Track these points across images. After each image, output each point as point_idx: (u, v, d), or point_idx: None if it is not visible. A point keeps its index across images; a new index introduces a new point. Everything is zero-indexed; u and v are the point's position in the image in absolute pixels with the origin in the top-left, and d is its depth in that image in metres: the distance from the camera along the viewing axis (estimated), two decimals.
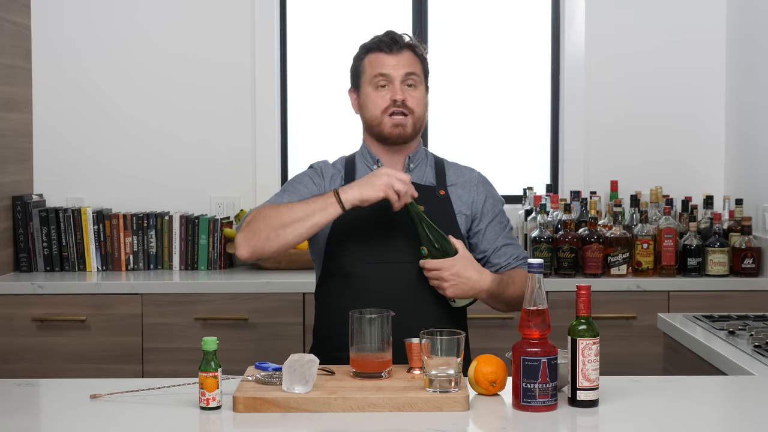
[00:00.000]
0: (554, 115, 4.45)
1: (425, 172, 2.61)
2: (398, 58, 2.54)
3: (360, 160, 2.63)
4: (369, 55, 2.57)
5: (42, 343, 3.74)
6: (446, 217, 2.55)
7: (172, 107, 4.31)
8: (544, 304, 2.00)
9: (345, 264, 2.50)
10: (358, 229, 2.50)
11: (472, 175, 2.66)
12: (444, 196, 2.58)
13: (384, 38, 2.57)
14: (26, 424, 1.98)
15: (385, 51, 2.55)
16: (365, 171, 2.58)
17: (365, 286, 2.47)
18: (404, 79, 2.53)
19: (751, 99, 4.07)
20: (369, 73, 2.55)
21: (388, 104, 2.52)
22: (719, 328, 2.78)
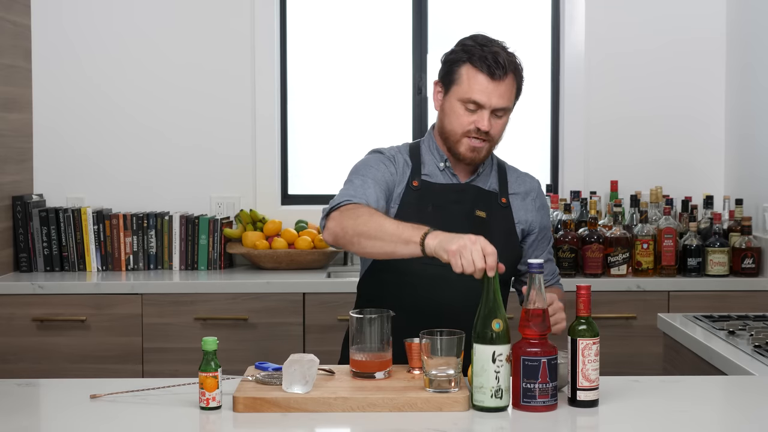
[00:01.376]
0: (554, 115, 4.45)
1: (490, 177, 2.56)
2: (497, 87, 2.41)
3: (427, 152, 2.53)
4: (468, 67, 2.42)
5: (42, 343, 3.74)
6: (507, 225, 2.52)
7: (172, 108, 4.31)
8: (544, 304, 2.00)
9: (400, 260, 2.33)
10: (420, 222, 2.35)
11: (533, 185, 2.62)
12: (506, 205, 2.53)
13: (490, 59, 2.40)
14: (26, 424, 1.98)
15: (486, 74, 2.40)
16: (432, 165, 2.51)
17: (419, 285, 2.42)
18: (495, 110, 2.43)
19: (751, 99, 4.07)
20: (463, 90, 2.41)
21: (472, 129, 2.42)
22: (719, 328, 2.78)
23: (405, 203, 2.47)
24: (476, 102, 2.41)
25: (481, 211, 2.48)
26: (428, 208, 2.46)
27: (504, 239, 2.45)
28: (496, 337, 1.97)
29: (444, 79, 2.48)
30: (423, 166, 2.51)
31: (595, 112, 4.35)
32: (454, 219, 2.44)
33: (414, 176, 2.49)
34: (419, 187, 2.48)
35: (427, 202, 2.47)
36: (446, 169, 2.51)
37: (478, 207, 2.49)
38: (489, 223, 2.48)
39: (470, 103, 2.41)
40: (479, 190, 2.51)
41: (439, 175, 2.51)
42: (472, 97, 2.40)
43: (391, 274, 2.45)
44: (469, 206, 2.48)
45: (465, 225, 2.38)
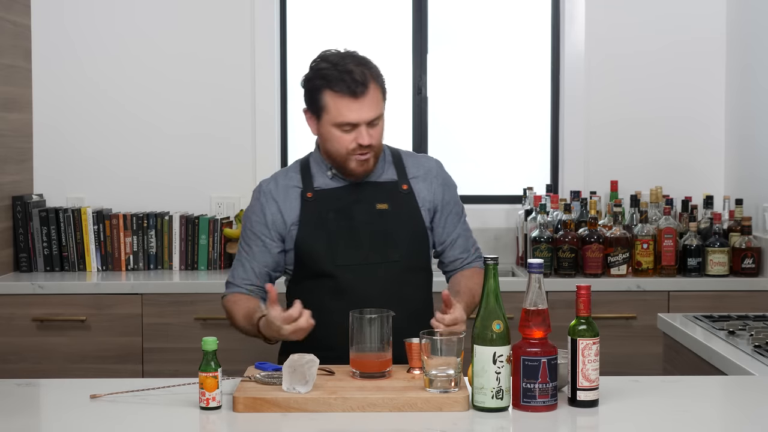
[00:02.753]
0: (554, 115, 4.45)
1: (385, 169, 2.60)
2: (362, 103, 2.43)
3: (315, 165, 2.60)
4: (330, 93, 2.44)
5: (42, 343, 3.74)
6: (411, 211, 2.57)
7: (172, 107, 4.31)
8: (544, 304, 2.00)
9: (316, 269, 2.52)
10: (325, 231, 2.51)
11: (431, 165, 2.66)
12: (407, 191, 2.58)
13: (346, 78, 2.42)
14: (26, 424, 1.98)
15: (348, 95, 2.43)
16: (322, 176, 2.57)
17: (338, 288, 2.50)
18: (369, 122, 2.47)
19: (751, 99, 4.07)
20: (333, 116, 2.45)
21: (354, 147, 2.47)
22: (719, 328, 2.78)
23: (305, 218, 2.53)
24: (349, 123, 2.45)
25: (381, 204, 2.54)
26: (330, 214, 2.53)
27: (410, 225, 2.55)
28: (497, 338, 1.97)
29: (311, 107, 2.53)
30: (313, 178, 2.58)
31: (595, 113, 4.35)
32: (357, 217, 2.52)
33: (306, 189, 2.56)
34: (314, 197, 2.55)
35: (327, 209, 2.53)
36: (335, 175, 2.57)
37: (378, 200, 2.55)
38: (392, 213, 2.54)
39: (344, 125, 2.46)
40: (374, 184, 2.56)
41: (330, 183, 2.57)
42: (344, 120, 2.45)
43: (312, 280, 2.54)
44: (368, 201, 2.54)
45: (369, 220, 2.51)
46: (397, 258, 2.53)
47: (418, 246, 2.58)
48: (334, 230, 2.51)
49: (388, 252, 2.52)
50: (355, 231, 2.51)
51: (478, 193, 4.45)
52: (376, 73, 2.50)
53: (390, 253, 2.52)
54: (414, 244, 2.57)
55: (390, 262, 2.52)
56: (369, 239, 2.51)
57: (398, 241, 2.53)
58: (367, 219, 2.52)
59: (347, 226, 2.51)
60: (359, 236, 2.51)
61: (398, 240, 2.54)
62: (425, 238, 2.61)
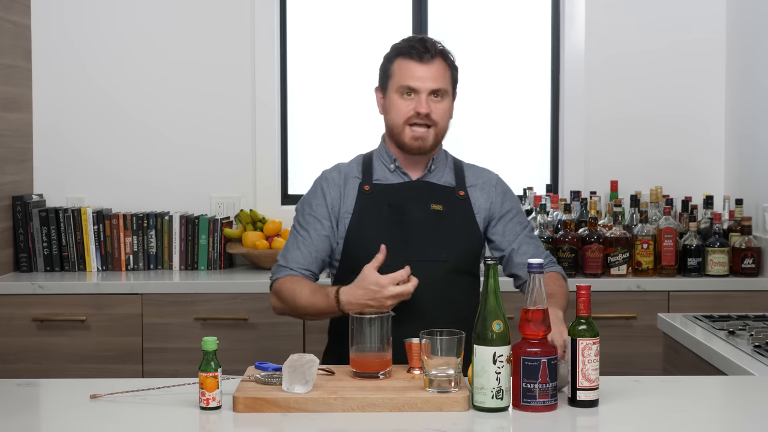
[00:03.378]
0: (554, 115, 4.45)
1: (444, 174, 2.62)
2: (428, 69, 2.50)
3: (377, 158, 2.62)
4: (399, 59, 2.53)
5: (42, 343, 3.74)
6: (466, 216, 2.57)
7: (172, 107, 4.31)
8: (544, 304, 2.00)
9: (363, 261, 2.44)
10: (376, 228, 2.51)
11: (491, 176, 2.69)
12: (464, 197, 2.59)
13: (416, 44, 2.52)
14: (26, 424, 1.98)
15: (415, 59, 2.51)
16: (382, 170, 2.59)
17: None
18: (432, 92, 2.51)
19: (751, 99, 4.07)
20: (397, 80, 2.52)
21: (412, 115, 2.50)
22: (719, 328, 2.78)
23: (359, 209, 2.54)
24: (410, 87, 2.50)
25: (436, 205, 2.55)
26: (384, 207, 2.53)
27: (463, 229, 2.55)
28: (497, 338, 1.97)
29: (381, 82, 2.59)
30: (374, 171, 2.59)
31: (595, 113, 4.35)
32: (411, 214, 2.52)
33: (365, 182, 2.57)
34: (371, 190, 2.56)
35: (382, 202, 2.54)
36: (397, 169, 2.58)
37: (434, 201, 2.55)
38: (446, 214, 2.54)
39: (406, 90, 2.50)
40: (432, 185, 2.58)
41: (390, 177, 2.59)
42: (406, 83, 2.50)
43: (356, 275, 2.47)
44: (424, 200, 2.55)
45: (422, 218, 2.51)
46: (445, 258, 2.51)
47: (468, 249, 2.57)
48: (385, 225, 2.51)
49: (437, 251, 2.51)
50: (406, 228, 2.51)
51: None
52: (447, 53, 2.58)
53: (439, 252, 2.51)
54: (464, 246, 2.56)
55: (437, 262, 2.50)
56: (420, 237, 2.51)
57: (449, 242, 2.52)
58: (420, 217, 2.52)
59: (399, 222, 2.51)
60: (410, 233, 2.51)
61: (449, 241, 2.52)
62: (477, 244, 2.59)
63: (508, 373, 1.98)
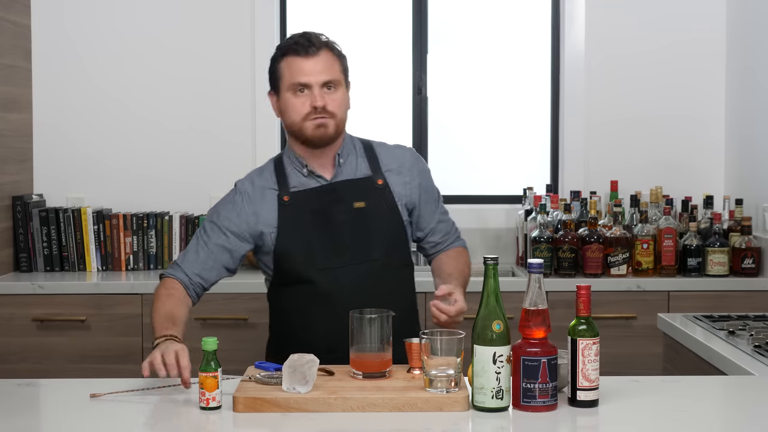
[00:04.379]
0: (554, 115, 4.45)
1: (357, 164, 2.57)
2: (315, 62, 2.46)
3: (289, 164, 2.57)
4: (285, 58, 2.49)
5: (42, 343, 3.74)
6: (388, 207, 2.54)
7: (172, 107, 4.31)
8: (544, 304, 2.00)
9: (297, 274, 2.48)
10: (303, 235, 2.48)
11: (405, 156, 2.62)
12: (382, 185, 2.55)
13: (300, 40, 2.48)
14: (26, 424, 1.98)
15: (301, 54, 2.46)
16: (296, 175, 2.54)
17: (319, 292, 2.47)
18: (323, 84, 2.47)
19: (751, 99, 4.07)
20: (287, 79, 2.48)
21: (309, 111, 2.47)
22: (719, 328, 2.78)
23: (283, 222, 2.50)
24: (302, 83, 2.46)
25: (358, 202, 2.52)
26: (307, 216, 2.49)
27: (388, 222, 2.52)
28: (497, 338, 1.97)
29: (272, 84, 2.55)
30: (288, 178, 2.54)
31: (595, 113, 4.35)
32: (335, 217, 2.49)
33: (283, 192, 2.52)
34: (290, 200, 2.51)
35: (304, 210, 2.50)
36: (310, 173, 2.54)
37: (355, 198, 2.52)
38: (369, 210, 2.51)
39: (298, 87, 2.47)
40: (350, 183, 2.53)
41: (305, 182, 2.54)
42: (297, 80, 2.46)
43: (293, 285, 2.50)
44: (345, 201, 2.52)
45: (347, 219, 2.49)
46: (377, 256, 2.50)
47: (397, 242, 2.55)
48: (312, 233, 2.48)
49: (368, 251, 2.49)
50: (333, 232, 2.48)
51: (478, 193, 4.45)
52: (332, 44, 2.53)
53: (370, 251, 2.49)
54: (393, 240, 2.54)
55: (370, 261, 2.49)
56: (348, 239, 2.49)
57: (377, 239, 2.50)
58: (345, 219, 2.49)
59: (325, 228, 2.48)
60: (338, 237, 2.48)
61: (377, 238, 2.50)
62: (404, 234, 2.58)
63: (508, 373, 1.98)
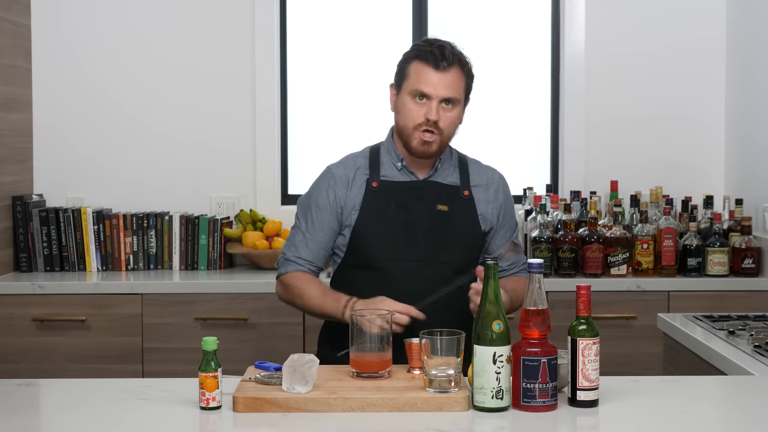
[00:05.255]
0: (554, 115, 4.45)
1: (450, 172, 2.64)
2: (442, 77, 2.50)
3: (386, 153, 2.63)
4: (416, 62, 2.53)
5: (42, 343, 3.74)
6: (470, 217, 2.61)
7: (172, 107, 4.31)
8: (544, 304, 2.00)
9: (368, 258, 2.54)
10: (383, 224, 2.53)
11: (494, 177, 2.70)
12: (468, 197, 2.62)
13: (435, 50, 2.51)
14: (26, 424, 1.98)
15: (431, 65, 2.50)
16: (390, 166, 2.60)
17: (386, 280, 2.51)
18: (443, 100, 2.51)
19: (751, 99, 4.07)
20: (411, 83, 2.52)
21: (422, 121, 2.51)
22: (719, 328, 2.78)
23: (367, 205, 2.55)
24: (423, 92, 2.50)
25: (442, 205, 2.57)
26: (390, 206, 2.55)
27: (466, 230, 2.58)
28: (497, 338, 1.97)
29: (396, 79, 2.59)
30: (381, 167, 2.60)
31: (595, 113, 4.35)
32: (417, 214, 2.55)
33: (373, 178, 2.58)
34: (378, 187, 2.57)
35: (389, 201, 2.56)
36: (404, 168, 2.60)
37: (439, 201, 2.58)
38: (451, 215, 2.57)
39: (418, 95, 2.51)
40: (439, 185, 2.60)
41: (397, 175, 2.60)
42: (419, 88, 2.50)
43: (360, 270, 2.56)
44: (430, 201, 2.57)
45: (428, 218, 2.54)
46: (449, 260, 2.55)
47: (471, 251, 2.61)
48: (391, 223, 2.53)
49: (441, 252, 2.54)
50: (412, 227, 2.54)
51: None
52: (465, 62, 2.56)
53: (443, 253, 2.54)
54: (468, 248, 2.60)
55: (441, 263, 2.54)
56: (425, 237, 2.54)
57: (453, 244, 2.56)
58: (426, 217, 2.55)
59: (406, 221, 2.54)
60: (415, 233, 2.53)
61: (453, 242, 2.56)
62: (478, 246, 2.63)
63: (508, 373, 1.98)
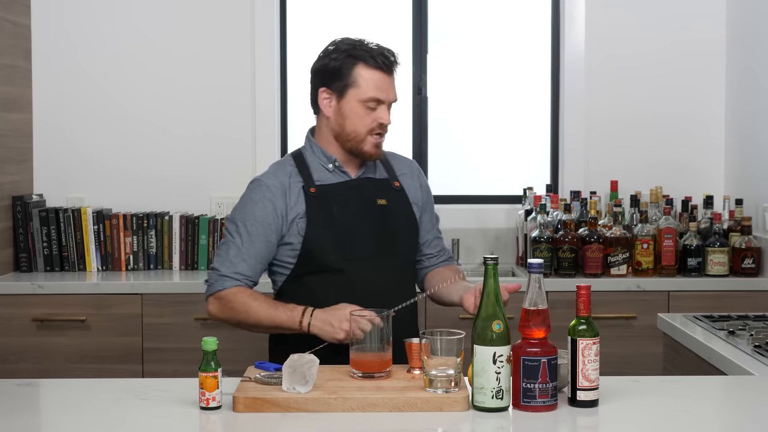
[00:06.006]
0: (554, 115, 4.45)
1: (376, 166, 2.63)
2: (391, 81, 2.52)
3: (312, 158, 2.58)
4: (364, 66, 2.47)
5: (42, 343, 3.74)
6: (406, 207, 2.62)
7: (172, 107, 4.31)
8: (544, 304, 2.00)
9: (324, 263, 2.50)
10: (332, 226, 2.51)
11: (413, 165, 2.73)
12: (399, 188, 2.63)
13: (384, 57, 2.49)
14: (26, 424, 1.98)
15: (383, 70, 2.49)
16: (321, 170, 2.56)
17: (344, 282, 2.49)
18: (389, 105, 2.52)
19: (751, 99, 4.07)
20: (363, 91, 2.47)
21: (375, 126, 2.50)
22: (719, 328, 2.78)
23: (312, 212, 2.51)
24: (379, 99, 2.49)
25: (381, 200, 2.58)
26: (333, 209, 2.52)
27: (405, 219, 2.60)
28: (497, 338, 1.97)
29: (333, 83, 2.51)
30: (312, 172, 2.56)
31: (595, 113, 4.35)
32: (360, 212, 2.54)
33: (308, 184, 2.54)
34: (317, 192, 2.53)
35: (330, 204, 2.53)
36: (336, 169, 2.57)
37: (378, 196, 2.58)
38: (391, 208, 2.58)
39: (371, 101, 2.49)
40: (373, 181, 2.60)
41: (330, 177, 2.57)
42: (375, 96, 2.48)
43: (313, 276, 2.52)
44: (369, 197, 2.57)
45: (371, 214, 2.53)
46: (398, 251, 2.57)
47: (413, 241, 2.65)
48: (340, 224, 2.51)
49: (390, 244, 2.55)
50: (359, 225, 2.53)
51: (478, 193, 4.45)
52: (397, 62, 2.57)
53: (392, 245, 2.56)
54: (410, 238, 2.63)
55: (392, 256, 2.55)
56: (373, 233, 2.54)
57: (398, 236, 2.58)
58: (369, 214, 2.55)
59: (352, 221, 2.53)
60: (364, 231, 2.53)
61: (398, 234, 2.58)
62: (417, 234, 2.66)
63: (508, 373, 1.98)
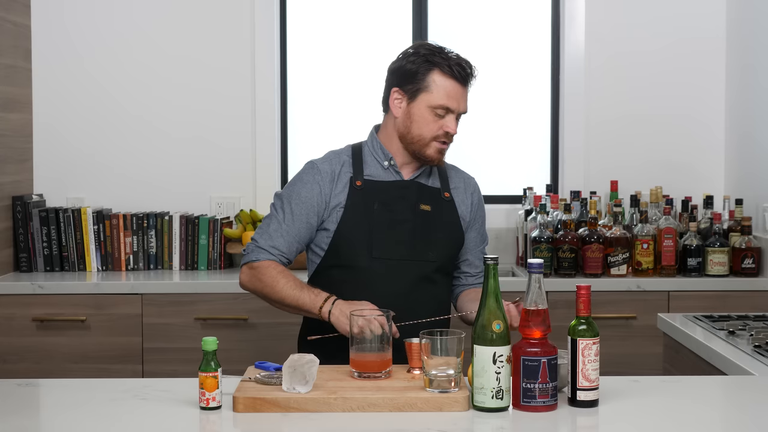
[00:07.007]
0: (554, 115, 4.45)
1: (432, 175, 2.65)
2: (464, 93, 2.53)
3: (369, 153, 2.61)
4: (440, 74, 2.49)
5: (42, 343, 3.74)
6: (452, 218, 2.62)
7: (172, 107, 4.31)
8: (544, 304, 2.00)
9: (350, 258, 2.52)
10: (367, 223, 2.52)
11: (469, 180, 2.73)
12: (449, 199, 2.63)
13: (461, 67, 2.50)
14: (26, 424, 1.98)
15: (459, 81, 2.50)
16: (375, 165, 2.59)
17: (367, 280, 2.50)
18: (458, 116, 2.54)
19: (751, 99, 4.07)
20: (435, 97, 2.49)
21: (441, 134, 2.52)
22: (719, 328, 2.78)
23: (351, 203, 2.53)
24: (448, 108, 2.50)
25: (425, 205, 2.58)
26: (374, 205, 2.54)
27: (448, 229, 2.60)
28: (497, 338, 1.97)
29: (407, 85, 2.53)
30: (365, 165, 2.59)
31: (595, 112, 4.35)
32: (401, 213, 2.55)
33: (357, 176, 2.56)
34: (363, 186, 2.56)
35: (373, 200, 2.55)
36: (390, 167, 2.59)
37: (423, 201, 2.58)
38: (433, 215, 2.58)
39: (440, 109, 2.50)
40: (422, 186, 2.60)
41: (382, 174, 2.59)
42: (446, 104, 2.50)
43: (340, 270, 2.54)
44: (413, 201, 2.57)
45: (411, 218, 2.54)
46: (433, 258, 2.56)
47: (453, 251, 2.63)
48: (376, 222, 2.52)
49: (426, 251, 2.55)
50: (396, 226, 2.53)
51: None
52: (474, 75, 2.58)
53: (427, 252, 2.55)
54: (450, 248, 2.62)
55: (425, 261, 2.55)
56: (409, 236, 2.54)
57: (437, 243, 2.57)
58: (409, 216, 2.55)
59: (390, 220, 2.53)
60: (400, 232, 2.53)
61: (437, 241, 2.57)
62: (459, 246, 2.65)
63: (508, 373, 1.98)
